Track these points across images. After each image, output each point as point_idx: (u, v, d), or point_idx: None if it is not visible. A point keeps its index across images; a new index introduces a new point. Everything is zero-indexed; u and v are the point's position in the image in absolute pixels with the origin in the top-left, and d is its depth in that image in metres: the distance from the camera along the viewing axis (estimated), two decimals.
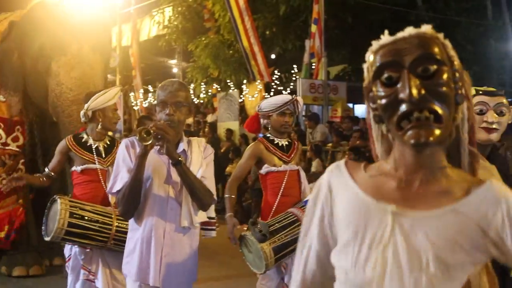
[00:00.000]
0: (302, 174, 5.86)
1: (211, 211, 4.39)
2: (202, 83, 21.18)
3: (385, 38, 1.83)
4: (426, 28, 1.82)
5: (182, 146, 4.13)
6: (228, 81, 19.73)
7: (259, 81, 17.54)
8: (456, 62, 1.84)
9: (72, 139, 5.53)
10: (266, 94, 18.11)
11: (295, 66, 19.61)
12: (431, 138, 1.71)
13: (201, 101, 22.58)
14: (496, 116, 3.60)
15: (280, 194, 5.64)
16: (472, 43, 24.15)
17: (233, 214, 5.65)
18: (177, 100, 4.00)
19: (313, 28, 16.02)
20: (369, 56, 1.87)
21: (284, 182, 5.65)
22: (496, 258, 1.80)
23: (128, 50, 23.37)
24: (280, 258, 5.33)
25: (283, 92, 17.97)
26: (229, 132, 17.80)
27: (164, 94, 4.02)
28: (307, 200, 5.35)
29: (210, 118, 21.10)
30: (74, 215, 5.08)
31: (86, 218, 5.10)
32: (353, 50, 20.64)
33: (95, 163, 5.40)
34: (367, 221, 1.80)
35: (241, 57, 17.15)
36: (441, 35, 1.84)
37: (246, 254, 5.53)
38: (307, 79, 16.07)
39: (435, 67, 1.76)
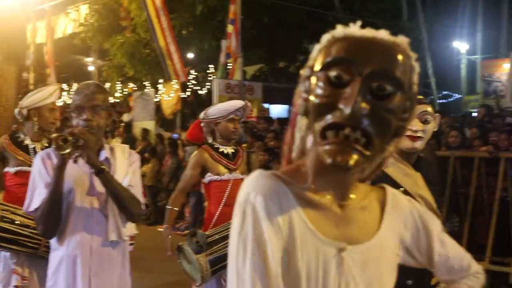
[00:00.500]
0: None
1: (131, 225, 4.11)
2: (118, 82, 21.05)
3: (355, 29, 1.60)
4: (402, 41, 1.61)
5: (105, 153, 3.82)
6: (144, 80, 19.67)
7: (175, 80, 17.55)
8: (415, 89, 1.64)
9: (8, 137, 5.17)
10: (182, 93, 18.17)
11: (211, 66, 19.68)
12: (351, 163, 1.51)
13: (117, 100, 22.41)
14: (421, 124, 3.53)
15: (222, 204, 5.46)
16: None
17: (170, 227, 5.54)
18: (95, 103, 3.66)
19: (230, 28, 16.09)
20: (326, 40, 1.63)
21: (227, 192, 5.47)
22: (415, 265, 1.85)
23: (43, 47, 22.96)
24: (217, 270, 5.14)
25: (199, 91, 18.02)
26: (145, 131, 17.69)
27: (80, 98, 3.68)
28: None
29: (126, 117, 20.93)
30: (4, 219, 4.75)
31: (17, 222, 4.75)
32: (269, 50, 20.85)
33: (31, 166, 4.89)
34: (317, 259, 1.61)
35: (157, 56, 17.10)
36: (414, 55, 1.62)
37: (185, 265, 5.34)
38: (223, 79, 16.15)
39: (391, 89, 1.55)
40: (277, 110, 23.01)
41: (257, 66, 23.03)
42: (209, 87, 19.22)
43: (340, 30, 1.61)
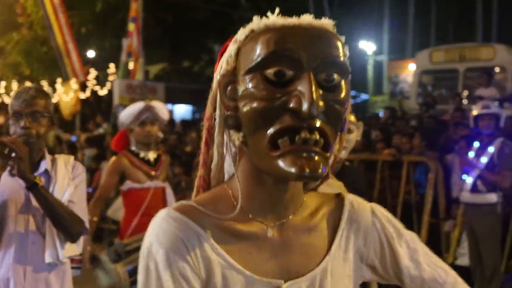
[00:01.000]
0: (168, 192, 5.39)
1: (78, 245, 3.65)
2: (14, 81, 20.36)
3: (276, 18, 1.39)
4: (328, 23, 1.40)
5: (45, 165, 3.49)
6: (41, 79, 19.07)
7: (74, 80, 17.04)
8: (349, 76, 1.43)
9: None
10: (82, 93, 17.67)
11: (112, 65, 19.28)
12: (320, 171, 1.30)
13: None
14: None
15: (140, 213, 5.20)
16: None
17: (90, 238, 5.07)
18: (34, 109, 3.34)
19: (131, 26, 15.76)
20: (244, 36, 1.41)
21: (146, 201, 5.21)
22: (388, 283, 1.61)
23: None
24: (136, 281, 4.88)
25: (99, 91, 17.58)
26: None
27: (18, 104, 3.36)
28: None
29: None
30: None
31: None
32: (173, 49, 20.61)
33: None
34: None
35: (55, 54, 16.61)
36: (342, 38, 1.42)
37: (101, 277, 4.91)
38: (124, 79, 15.79)
39: (338, 78, 1.36)
40: (180, 111, 22.78)
41: (161, 65, 22.72)
42: (110, 87, 18.81)
43: (258, 22, 1.39)
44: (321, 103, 1.28)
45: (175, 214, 1.38)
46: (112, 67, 19.22)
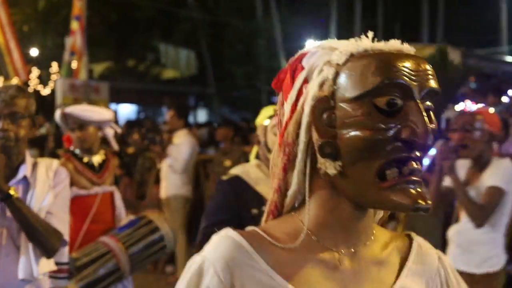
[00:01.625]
0: (117, 196, 5.16)
1: (63, 255, 3.45)
2: None
3: (373, 43, 1.37)
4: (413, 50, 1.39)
5: (24, 170, 3.29)
6: None
7: (15, 79, 16.81)
8: None
9: None
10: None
11: (55, 64, 19.06)
12: (430, 203, 1.29)
13: None
14: None
15: (89, 220, 4.92)
16: (242, 42, 24.85)
17: None
18: (13, 110, 3.14)
19: (74, 25, 15.58)
20: (341, 59, 1.35)
21: (94, 207, 4.94)
22: None
23: None
24: None
25: (42, 91, 17.36)
26: None
27: None
28: (122, 227, 4.91)
29: None
30: None
31: None
32: (118, 48, 20.45)
33: None
34: None
35: None
36: None
37: None
38: (67, 79, 15.59)
39: (432, 107, 1.36)
40: (125, 110, 22.62)
41: (106, 64, 22.53)
42: (53, 86, 18.60)
43: (357, 46, 1.36)
44: (431, 133, 1.28)
45: (237, 236, 1.38)
46: (55, 66, 19.01)
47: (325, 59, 1.37)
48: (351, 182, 1.32)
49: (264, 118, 3.62)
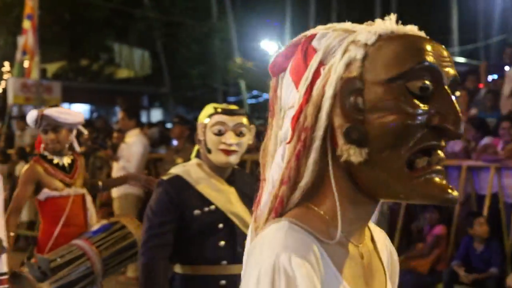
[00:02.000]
0: (88, 199, 5.12)
1: (1, 263, 3.45)
2: None
3: (397, 26, 1.31)
4: None
5: None
6: None
7: None
8: None
9: None
10: None
11: (7, 63, 18.92)
12: (457, 194, 1.25)
13: None
14: (236, 137, 3.39)
15: (61, 223, 4.86)
16: (197, 42, 24.86)
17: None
18: None
19: (26, 24, 15.46)
20: (371, 39, 1.28)
21: (67, 210, 4.89)
22: None
23: None
24: None
25: None
26: None
27: None
28: (95, 230, 4.87)
29: None
30: None
31: None
32: (71, 47, 20.36)
33: None
34: None
35: None
36: None
37: None
38: (18, 78, 15.51)
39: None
40: (78, 110, 22.48)
41: (60, 63, 22.39)
42: (4, 86, 18.46)
43: (384, 27, 1.29)
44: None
45: (295, 226, 1.24)
46: (6, 65, 18.88)
47: (349, 40, 1.30)
48: (376, 171, 1.25)
49: (204, 117, 3.48)
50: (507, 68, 10.17)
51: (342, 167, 1.28)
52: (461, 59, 20.35)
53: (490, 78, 11.53)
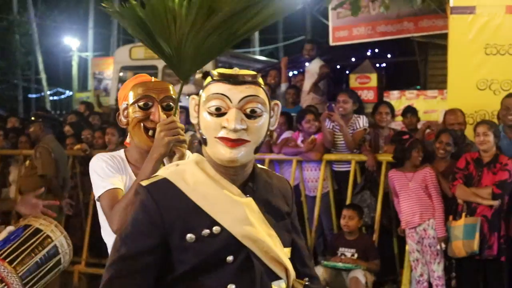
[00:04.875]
0: None
1: None
2: None
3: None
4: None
5: None
6: None
7: None
8: None
9: None
10: None
11: None
12: None
13: None
14: (245, 118, 2.46)
15: None
16: None
17: None
18: None
19: None
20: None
21: None
22: None
23: None
24: None
25: None
26: None
27: None
28: (3, 242, 3.56)
29: None
30: None
31: None
32: None
33: None
34: None
35: None
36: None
37: None
38: None
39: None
40: None
41: None
42: None
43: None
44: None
45: None
46: None
47: None
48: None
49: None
50: (307, 64, 10.59)
51: None
52: (262, 58, 21.38)
53: (290, 73, 12.14)
